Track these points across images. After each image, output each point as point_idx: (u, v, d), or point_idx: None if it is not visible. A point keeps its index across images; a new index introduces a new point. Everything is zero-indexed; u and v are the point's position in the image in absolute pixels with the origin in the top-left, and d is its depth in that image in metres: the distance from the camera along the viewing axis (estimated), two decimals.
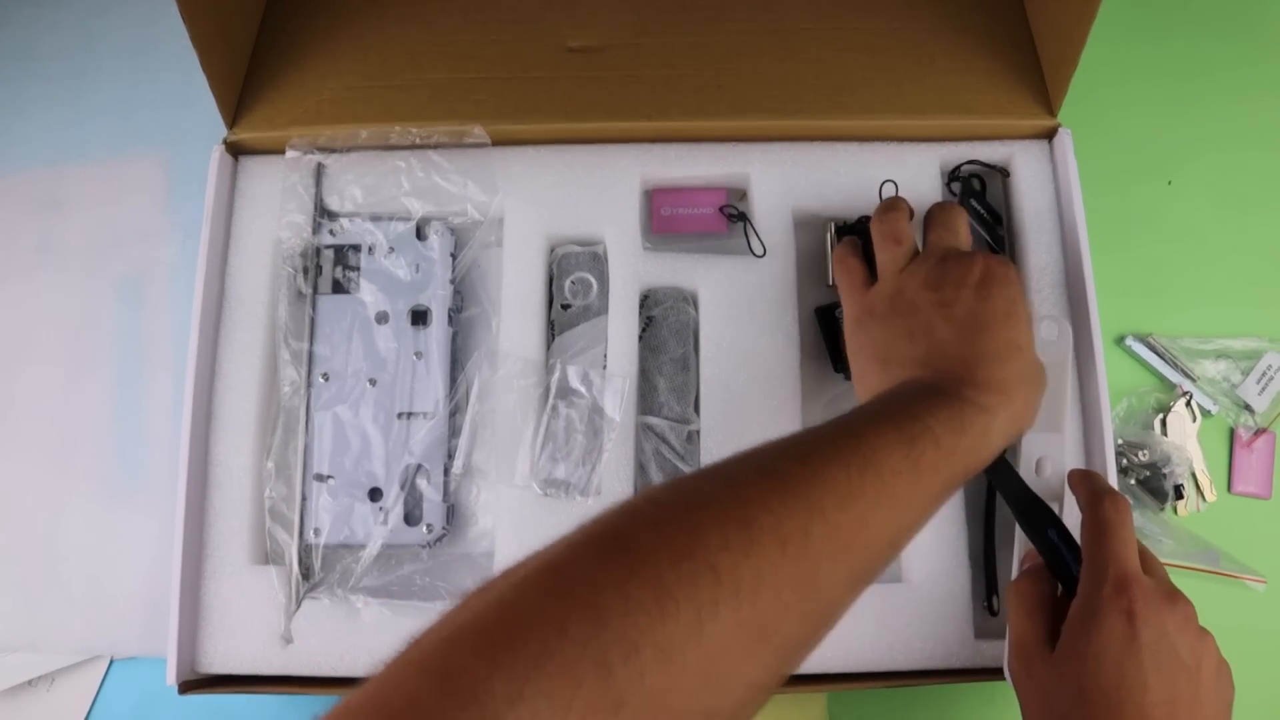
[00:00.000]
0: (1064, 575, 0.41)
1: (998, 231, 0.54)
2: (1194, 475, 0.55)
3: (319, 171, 0.54)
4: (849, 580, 0.31)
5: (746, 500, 0.29)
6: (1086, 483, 0.42)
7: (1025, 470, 0.46)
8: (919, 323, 0.41)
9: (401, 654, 0.25)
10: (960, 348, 0.39)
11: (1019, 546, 0.46)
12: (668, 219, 0.55)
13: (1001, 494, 0.44)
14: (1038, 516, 0.42)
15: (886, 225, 0.45)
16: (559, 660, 0.24)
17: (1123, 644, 0.37)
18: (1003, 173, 0.55)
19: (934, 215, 0.46)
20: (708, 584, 0.26)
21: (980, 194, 0.55)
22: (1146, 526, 0.55)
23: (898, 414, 0.35)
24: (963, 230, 0.45)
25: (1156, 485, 0.55)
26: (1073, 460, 0.50)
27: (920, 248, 0.45)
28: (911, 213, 0.46)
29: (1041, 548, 0.42)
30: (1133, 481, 0.55)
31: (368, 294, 0.53)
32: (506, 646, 0.24)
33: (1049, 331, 0.47)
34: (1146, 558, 0.41)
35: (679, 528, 0.27)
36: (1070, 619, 0.39)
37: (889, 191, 0.52)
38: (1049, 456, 0.46)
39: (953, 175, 0.55)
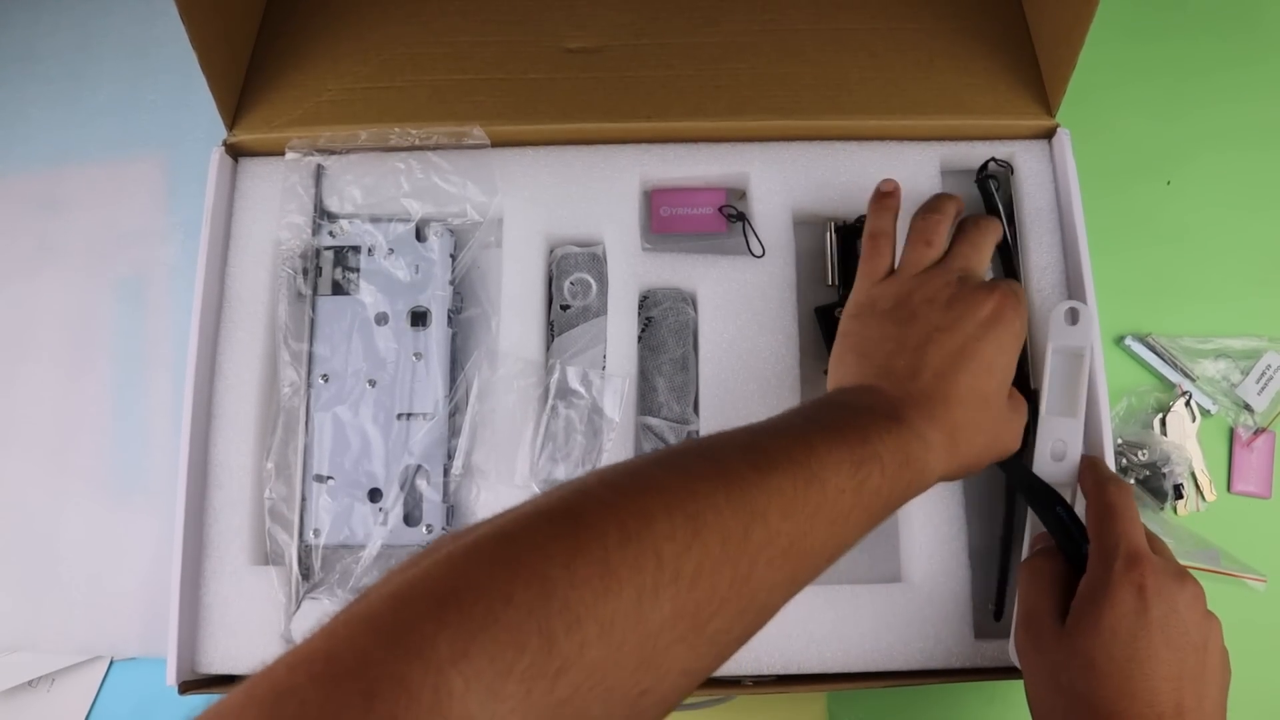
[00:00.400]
0: (1073, 552, 0.42)
1: (1009, 230, 0.54)
2: (1194, 475, 0.55)
3: (318, 173, 0.54)
4: (783, 584, 0.32)
5: (696, 494, 0.30)
6: (1092, 471, 0.44)
7: (1041, 454, 0.46)
8: (911, 336, 0.42)
9: (349, 609, 0.25)
10: (936, 382, 0.40)
11: (1029, 529, 0.47)
12: (667, 219, 0.55)
13: (1008, 478, 0.46)
14: (1044, 496, 0.43)
15: (928, 224, 0.45)
16: (505, 625, 0.25)
17: (1134, 618, 0.37)
18: (1009, 169, 0.55)
19: (966, 228, 0.46)
20: (650, 569, 0.27)
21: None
22: (1146, 526, 0.55)
23: (851, 434, 0.36)
24: (988, 252, 0.46)
25: (1156, 485, 0.55)
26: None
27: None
28: (958, 211, 0.47)
29: (1051, 525, 0.43)
30: (1132, 481, 0.55)
31: (367, 295, 0.53)
32: (455, 608, 0.25)
33: (1070, 317, 0.48)
34: (1153, 541, 0.42)
35: (628, 512, 0.28)
36: (1080, 594, 0.40)
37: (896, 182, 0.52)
38: (1065, 441, 0.46)
39: (982, 171, 0.54)
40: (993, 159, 0.54)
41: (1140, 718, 0.37)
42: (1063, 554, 0.42)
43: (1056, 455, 0.46)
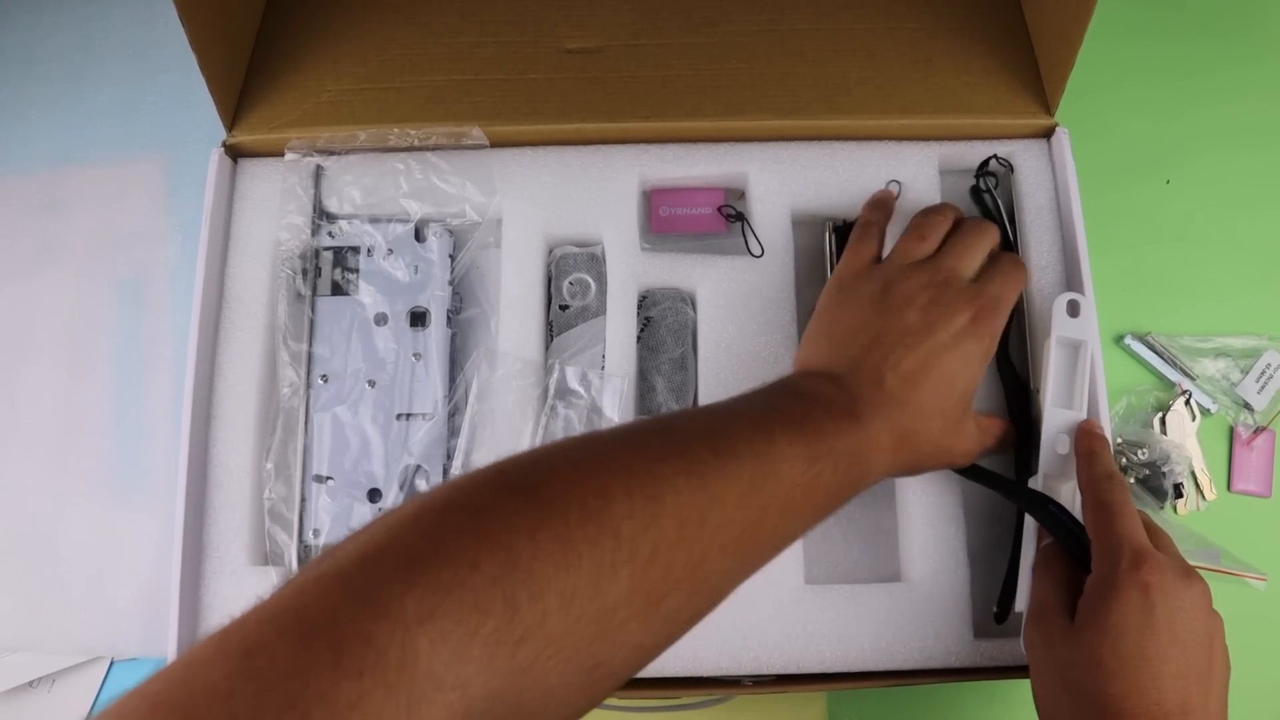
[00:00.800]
0: (1075, 549, 0.42)
1: (1010, 228, 0.54)
2: (1193, 474, 0.55)
3: (318, 173, 0.54)
4: (734, 569, 0.34)
5: (657, 476, 0.31)
6: (1086, 468, 0.44)
7: (1045, 447, 0.46)
8: (887, 329, 0.42)
9: (317, 565, 0.26)
10: (899, 386, 0.41)
11: (1029, 528, 0.47)
12: (666, 219, 0.55)
13: (994, 489, 0.46)
14: (1035, 499, 0.44)
15: (927, 221, 0.46)
16: (471, 590, 0.25)
17: (1141, 617, 0.38)
18: (1008, 167, 0.55)
19: (963, 229, 0.46)
20: (609, 547, 0.29)
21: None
22: (1146, 517, 0.55)
23: (810, 428, 0.37)
24: (979, 256, 0.46)
25: (1156, 484, 0.55)
26: None
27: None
28: (957, 218, 0.47)
29: (1049, 525, 0.43)
30: (1132, 480, 0.55)
31: (366, 295, 0.53)
32: (423, 569, 0.25)
33: (1071, 309, 0.48)
34: (1156, 534, 0.42)
35: (590, 491, 0.30)
36: (1087, 593, 0.40)
37: (894, 191, 0.52)
38: (1068, 434, 0.46)
39: (982, 169, 0.54)
40: (994, 156, 0.54)
41: (1147, 715, 0.37)
42: (1065, 551, 0.43)
43: (1060, 448, 0.46)
